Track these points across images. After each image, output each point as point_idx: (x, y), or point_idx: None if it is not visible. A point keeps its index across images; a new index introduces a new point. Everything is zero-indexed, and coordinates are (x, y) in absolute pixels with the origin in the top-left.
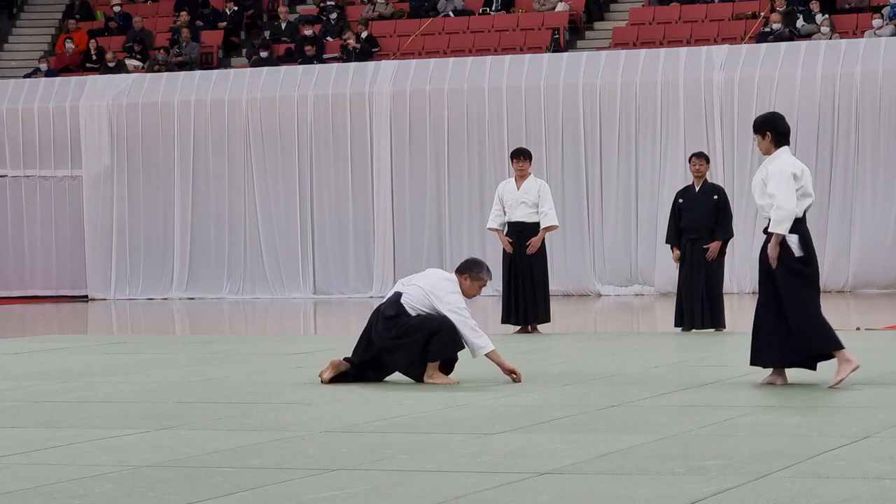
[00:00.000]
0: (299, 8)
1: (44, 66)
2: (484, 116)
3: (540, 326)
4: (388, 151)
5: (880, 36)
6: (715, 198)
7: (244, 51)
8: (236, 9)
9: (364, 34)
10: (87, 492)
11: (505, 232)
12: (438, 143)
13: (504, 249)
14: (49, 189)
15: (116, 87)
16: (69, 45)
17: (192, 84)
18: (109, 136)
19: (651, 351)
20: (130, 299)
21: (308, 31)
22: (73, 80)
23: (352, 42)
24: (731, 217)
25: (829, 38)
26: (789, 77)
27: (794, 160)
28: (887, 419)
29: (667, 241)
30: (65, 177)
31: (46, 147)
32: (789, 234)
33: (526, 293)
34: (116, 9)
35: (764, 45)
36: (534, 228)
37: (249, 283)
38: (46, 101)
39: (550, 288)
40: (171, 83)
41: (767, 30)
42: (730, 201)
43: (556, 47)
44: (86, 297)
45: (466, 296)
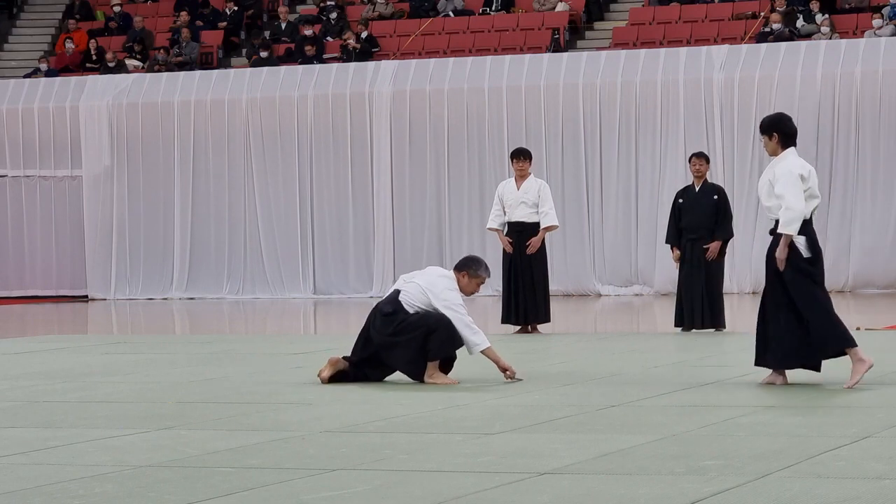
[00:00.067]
0: (299, 8)
1: (44, 66)
2: (484, 116)
3: (540, 326)
4: (388, 151)
5: (880, 36)
6: (715, 198)
7: (244, 51)
8: (236, 9)
9: (364, 34)
10: (87, 492)
11: (505, 232)
12: (438, 143)
13: (504, 249)
14: (49, 189)
15: (116, 87)
16: (69, 45)
17: (192, 84)
18: (109, 136)
19: (651, 351)
20: (130, 299)
21: (308, 31)
22: (73, 80)
23: (352, 42)
24: (731, 217)
25: (829, 38)
26: (789, 77)
27: (801, 161)
28: (887, 419)
29: (667, 241)
30: (65, 177)
31: (46, 147)
32: (797, 235)
33: (526, 293)
34: (116, 9)
35: (764, 45)
36: (534, 228)
37: (249, 283)
38: (46, 101)
39: (550, 288)
40: (171, 83)
41: (767, 30)
42: (730, 201)
43: (556, 47)
44: (86, 297)
45: (465, 293)
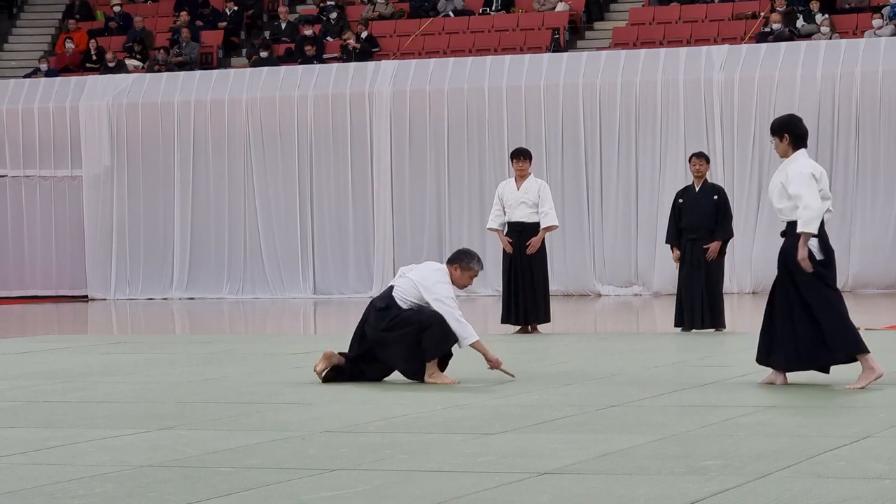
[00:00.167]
0: (299, 8)
1: (44, 66)
2: (484, 116)
3: (540, 326)
4: (388, 151)
5: (880, 36)
6: (715, 198)
7: (244, 51)
8: (236, 9)
9: (364, 34)
10: (87, 492)
11: (505, 232)
12: (438, 143)
13: (504, 249)
14: (49, 189)
15: (116, 87)
16: (69, 45)
17: (192, 84)
18: (109, 136)
19: (651, 351)
20: (130, 299)
21: (308, 31)
22: (73, 80)
23: (352, 42)
24: (731, 217)
25: (829, 38)
26: (789, 77)
27: (812, 163)
28: (887, 419)
29: (667, 241)
30: (65, 177)
31: (46, 147)
32: None
33: (526, 293)
34: (116, 9)
35: (764, 45)
36: (534, 228)
37: (249, 283)
38: (46, 101)
39: (550, 288)
40: (171, 83)
41: (767, 30)
42: (730, 201)
43: (556, 47)
44: (86, 297)
45: (458, 286)
